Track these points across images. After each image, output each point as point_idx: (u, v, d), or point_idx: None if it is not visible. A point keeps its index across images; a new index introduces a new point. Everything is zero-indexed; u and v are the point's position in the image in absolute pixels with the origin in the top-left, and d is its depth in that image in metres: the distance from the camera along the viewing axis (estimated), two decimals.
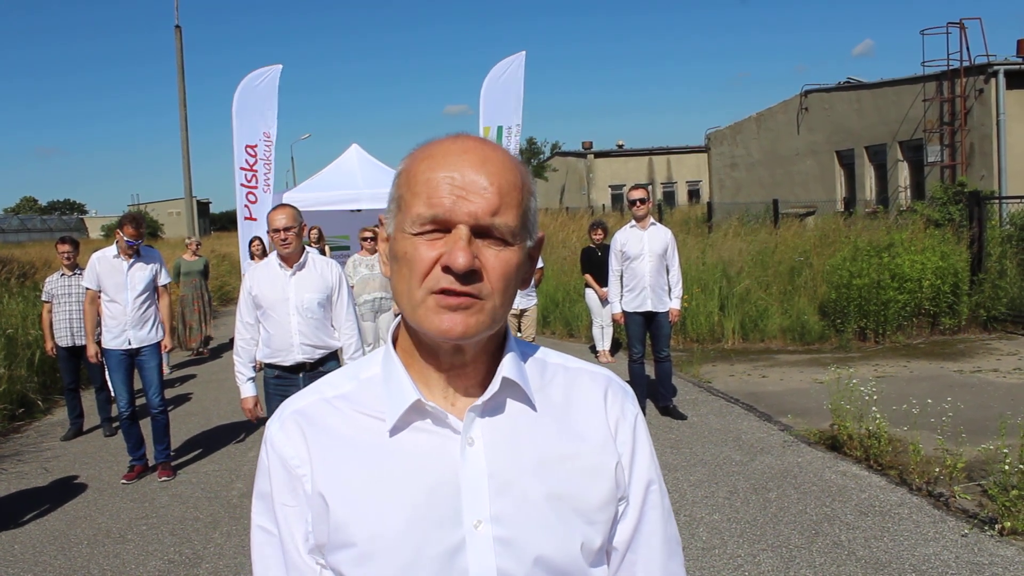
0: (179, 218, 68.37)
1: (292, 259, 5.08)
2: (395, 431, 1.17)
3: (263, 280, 5.11)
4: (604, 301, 11.09)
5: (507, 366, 1.18)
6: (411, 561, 1.12)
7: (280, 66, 15.31)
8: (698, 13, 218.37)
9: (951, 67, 19.37)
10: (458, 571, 1.13)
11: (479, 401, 1.17)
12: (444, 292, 1.09)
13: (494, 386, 1.17)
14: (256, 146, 15.31)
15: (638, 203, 7.70)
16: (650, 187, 46.46)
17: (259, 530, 1.24)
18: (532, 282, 9.66)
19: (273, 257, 5.16)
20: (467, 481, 1.15)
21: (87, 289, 6.97)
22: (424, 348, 1.19)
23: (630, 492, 1.26)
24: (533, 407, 1.21)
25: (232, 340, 13.49)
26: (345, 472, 1.16)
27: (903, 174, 21.62)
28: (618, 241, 7.85)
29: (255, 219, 15.19)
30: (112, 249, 6.83)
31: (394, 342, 1.24)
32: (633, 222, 7.81)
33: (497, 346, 1.22)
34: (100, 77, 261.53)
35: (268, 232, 5.13)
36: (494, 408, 1.19)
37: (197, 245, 14.37)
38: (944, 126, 19.64)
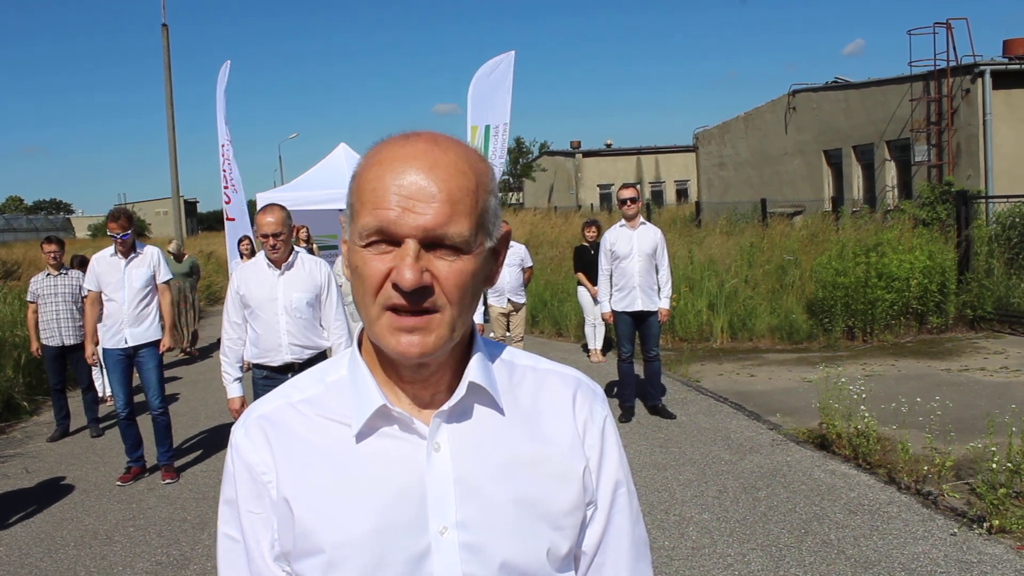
0: (166, 217, 68.12)
1: (281, 259, 5.06)
2: (361, 437, 1.15)
3: (251, 279, 5.07)
4: (596, 299, 11.10)
5: (473, 370, 1.16)
6: (376, 568, 1.11)
7: (228, 62, 15.22)
8: (686, 12, 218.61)
9: (938, 67, 19.46)
10: None
11: (445, 407, 1.15)
12: (396, 311, 1.06)
13: (460, 391, 1.15)
14: (225, 145, 15.22)
15: (628, 202, 7.69)
16: (639, 186, 46.59)
17: (225, 537, 1.22)
18: (522, 281, 9.65)
19: (261, 256, 5.12)
20: (433, 487, 1.13)
21: (88, 291, 6.92)
22: (384, 359, 1.16)
23: (598, 496, 1.24)
24: (501, 411, 1.18)
25: (220, 340, 13.42)
26: (310, 478, 1.15)
27: (890, 174, 21.71)
28: (608, 240, 7.84)
29: (232, 219, 15.12)
30: (110, 249, 6.79)
31: (359, 344, 1.21)
32: (623, 221, 7.81)
33: (464, 349, 1.19)
34: (86, 76, 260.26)
35: (256, 234, 5.10)
36: (461, 413, 1.17)
37: (178, 250, 14.27)
38: (931, 126, 19.73)
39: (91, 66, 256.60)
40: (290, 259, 5.08)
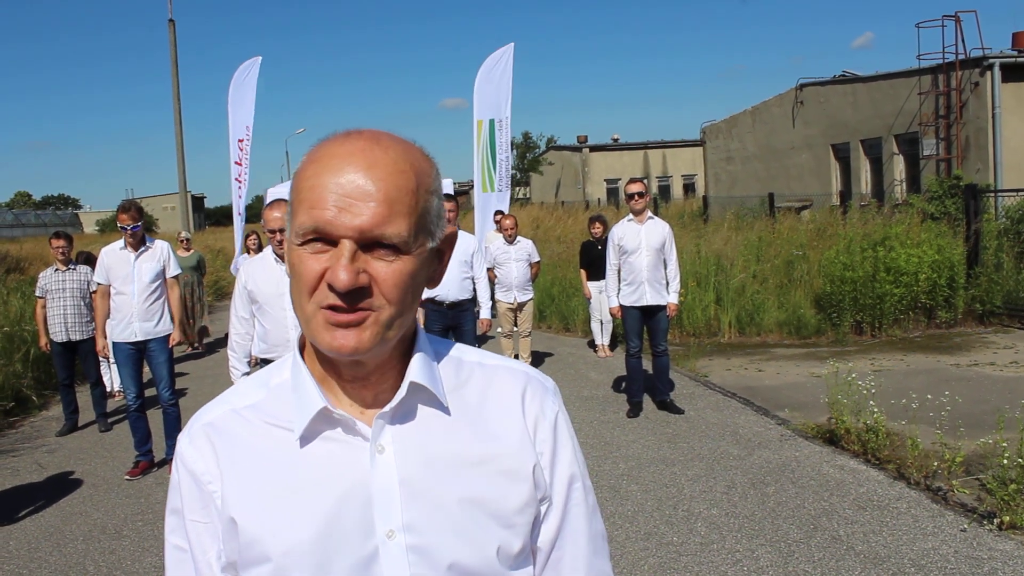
0: (174, 212, 68.16)
1: None
2: (304, 441, 1.13)
3: (258, 275, 5.06)
4: (588, 300, 11.08)
5: (415, 370, 1.14)
6: (323, 574, 1.10)
7: (259, 58, 15.28)
8: (693, 5, 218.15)
9: (947, 60, 19.38)
10: None
11: (387, 407, 1.13)
12: (332, 308, 1.04)
13: (401, 392, 1.13)
14: (244, 140, 15.30)
15: (636, 197, 7.66)
16: (646, 180, 46.51)
17: (172, 548, 1.20)
18: (529, 276, 9.65)
19: (268, 252, 5.11)
20: (378, 490, 1.12)
21: (98, 284, 6.94)
22: (324, 359, 1.14)
23: (552, 492, 1.22)
24: (446, 410, 1.16)
25: (227, 335, 13.46)
26: (255, 486, 1.13)
27: (899, 168, 21.64)
28: (615, 235, 7.82)
29: (242, 214, 15.19)
30: (120, 242, 6.83)
31: (302, 348, 1.19)
32: (631, 216, 7.78)
33: (407, 348, 1.17)
34: (93, 71, 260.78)
35: (264, 229, 5.08)
36: (405, 413, 1.15)
37: (186, 240, 14.29)
38: (940, 119, 19.65)
39: (98, 61, 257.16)
40: None
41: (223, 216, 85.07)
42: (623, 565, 4.69)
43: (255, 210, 23.28)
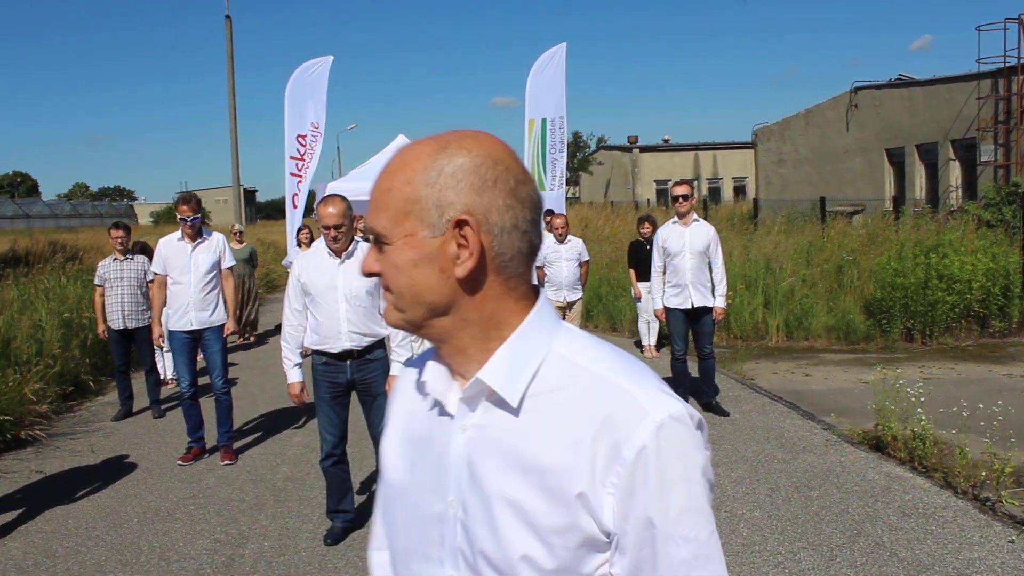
0: (226, 206, 69.21)
1: (341, 249, 5.13)
2: (424, 403, 1.31)
3: (312, 268, 5.15)
4: (637, 299, 11.10)
5: (489, 367, 1.19)
6: (411, 516, 1.29)
7: (331, 57, 15.54)
8: (747, 7, 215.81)
9: (1008, 64, 19.01)
10: (438, 537, 1.25)
11: (463, 393, 1.22)
12: None
13: (471, 384, 1.20)
14: (306, 136, 15.56)
15: (680, 199, 7.66)
16: (695, 183, 46.23)
17: None
18: (579, 276, 9.70)
19: (322, 245, 5.19)
20: (452, 463, 1.23)
21: (155, 274, 7.13)
22: None
23: (624, 530, 1.14)
24: (515, 411, 1.18)
25: (278, 327, 13.68)
26: (399, 427, 1.37)
27: (954, 173, 21.28)
28: (660, 237, 7.83)
29: (297, 207, 15.43)
30: (177, 233, 7.00)
31: None
32: (676, 218, 7.78)
33: (500, 336, 1.21)
34: (149, 65, 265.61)
35: (318, 224, 5.18)
36: (481, 400, 1.22)
37: (240, 233, 14.53)
38: (999, 125, 19.29)
39: (155, 55, 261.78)
40: (351, 248, 5.16)
41: (273, 210, 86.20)
42: None
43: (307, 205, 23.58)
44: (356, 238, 5.26)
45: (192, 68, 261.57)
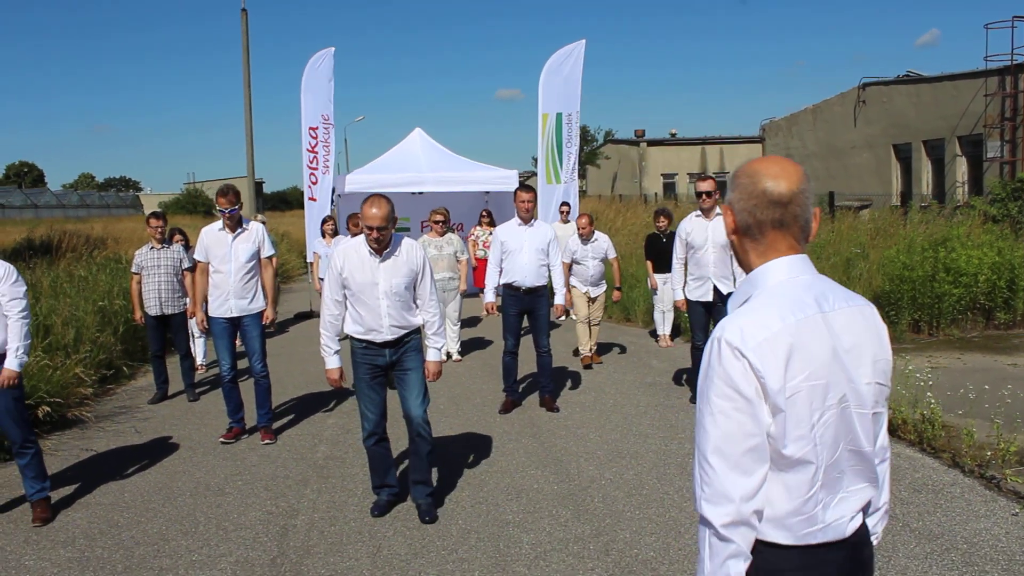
0: None
1: (382, 248, 5.31)
2: None
3: (353, 263, 5.33)
4: (654, 290, 11.43)
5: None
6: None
7: (332, 48, 15.91)
8: (746, 5, 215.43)
9: (1015, 62, 19.27)
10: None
11: None
12: None
13: None
14: (317, 128, 15.91)
15: (704, 196, 7.90)
16: (721, 176, 46.41)
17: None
18: (602, 272, 10.04)
19: (362, 241, 5.37)
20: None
21: (197, 261, 7.45)
22: None
23: None
24: None
25: (297, 315, 14.17)
26: None
27: (961, 169, 21.56)
28: (683, 229, 8.04)
29: (315, 199, 15.76)
30: (218, 223, 7.31)
31: None
32: (699, 211, 8.05)
33: None
34: (154, 55, 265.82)
35: (360, 222, 5.34)
36: None
37: (262, 224, 14.75)
38: (1005, 122, 19.57)
39: (162, 45, 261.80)
40: (391, 246, 5.35)
41: (279, 201, 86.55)
42: (692, 533, 5.07)
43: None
44: (394, 234, 5.42)
45: (199, 59, 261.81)
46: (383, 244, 5.28)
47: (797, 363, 1.81)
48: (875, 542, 2.13)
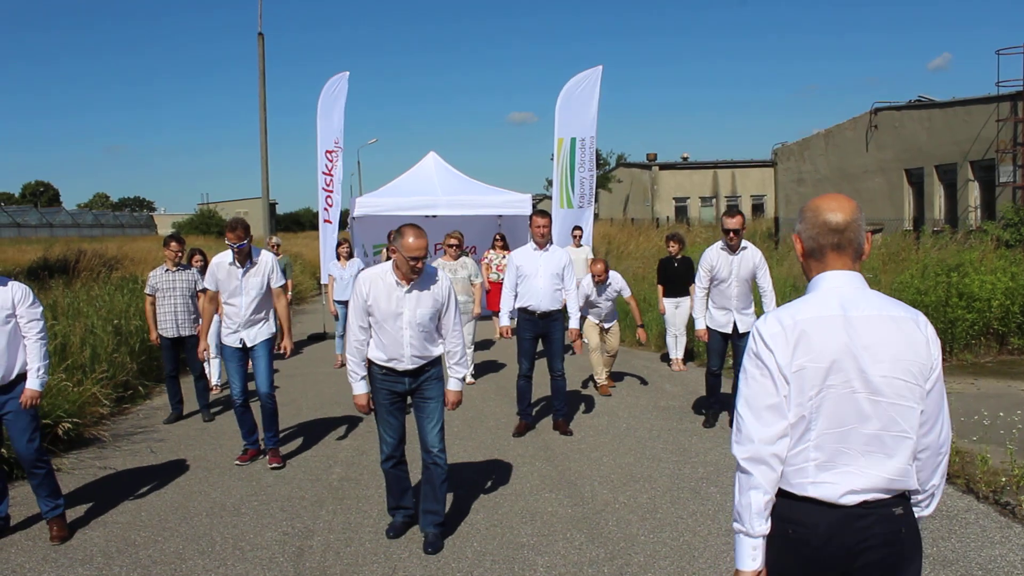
0: (247, 218, 69.98)
1: (415, 278, 5.29)
2: None
3: (379, 292, 5.30)
4: (662, 314, 11.47)
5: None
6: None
7: (347, 73, 16.07)
8: (765, 25, 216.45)
9: None
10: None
11: None
12: None
13: None
14: (333, 152, 16.06)
15: (732, 234, 7.81)
16: (732, 200, 46.38)
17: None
18: (615, 309, 10.05)
19: (388, 270, 5.34)
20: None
21: (206, 289, 7.52)
22: None
23: None
24: None
25: (310, 336, 14.25)
26: None
27: (973, 194, 21.55)
28: (708, 259, 7.97)
29: (331, 222, 15.85)
30: (228, 255, 7.28)
31: None
32: (723, 244, 7.94)
33: None
34: (168, 75, 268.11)
35: (398, 250, 5.18)
36: None
37: (277, 246, 14.78)
38: (1017, 147, 19.57)
39: (177, 66, 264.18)
40: (417, 279, 5.31)
41: (292, 222, 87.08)
42: (706, 557, 5.08)
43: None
44: (427, 264, 5.37)
45: (213, 80, 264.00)
46: (419, 273, 5.27)
47: (803, 348, 2.32)
48: (921, 514, 2.60)
